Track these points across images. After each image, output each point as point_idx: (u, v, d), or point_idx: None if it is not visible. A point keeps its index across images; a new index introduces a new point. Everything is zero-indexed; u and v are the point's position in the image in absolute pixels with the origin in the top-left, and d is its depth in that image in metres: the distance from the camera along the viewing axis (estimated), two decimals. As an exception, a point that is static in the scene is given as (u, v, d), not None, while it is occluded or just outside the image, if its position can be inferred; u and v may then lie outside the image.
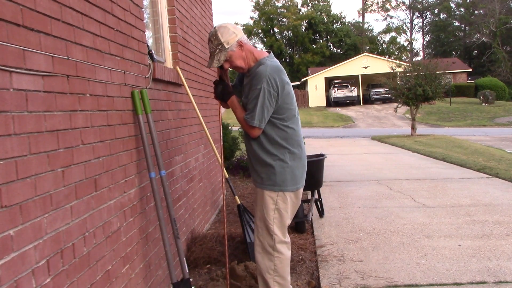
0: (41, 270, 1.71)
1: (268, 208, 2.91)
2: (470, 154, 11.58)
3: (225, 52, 2.83)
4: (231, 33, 2.83)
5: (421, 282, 3.55)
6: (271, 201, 2.91)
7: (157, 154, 3.00)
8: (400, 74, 19.92)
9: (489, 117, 29.25)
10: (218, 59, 2.85)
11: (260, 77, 2.79)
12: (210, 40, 2.85)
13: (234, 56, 2.86)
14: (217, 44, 2.82)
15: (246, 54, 2.89)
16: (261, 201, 2.94)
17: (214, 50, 2.84)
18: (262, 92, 2.79)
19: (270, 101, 2.82)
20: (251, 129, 2.88)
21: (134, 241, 2.73)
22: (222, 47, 2.82)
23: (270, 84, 2.80)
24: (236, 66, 2.91)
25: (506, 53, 54.72)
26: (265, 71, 2.80)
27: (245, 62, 2.90)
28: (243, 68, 2.92)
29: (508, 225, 5.00)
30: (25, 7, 1.70)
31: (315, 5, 64.17)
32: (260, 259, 2.96)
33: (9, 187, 1.55)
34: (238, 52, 2.86)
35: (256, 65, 2.89)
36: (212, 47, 2.85)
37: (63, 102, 1.96)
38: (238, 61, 2.88)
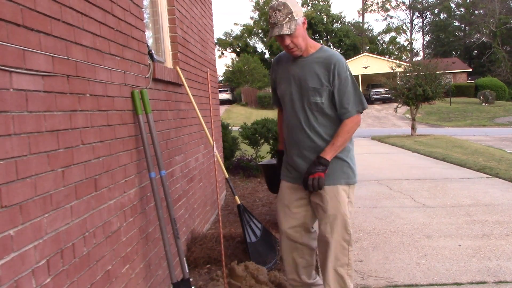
0: (41, 270, 1.71)
1: (344, 203, 2.84)
2: (470, 154, 11.58)
3: (295, 22, 2.61)
4: (299, 8, 2.69)
5: (421, 282, 3.55)
6: (345, 195, 2.85)
7: (157, 154, 3.00)
8: (400, 74, 19.93)
9: (489, 117, 29.25)
10: (289, 27, 2.60)
11: (342, 63, 2.73)
12: (275, 9, 2.61)
13: (299, 31, 2.65)
14: (288, 12, 2.60)
15: (305, 35, 2.73)
16: (335, 197, 2.83)
17: (283, 19, 2.60)
18: (351, 78, 2.75)
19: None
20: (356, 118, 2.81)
21: (134, 241, 2.73)
22: (292, 16, 2.61)
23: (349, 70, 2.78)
24: (297, 44, 2.68)
25: (506, 53, 54.74)
26: (340, 56, 2.78)
27: (304, 42, 2.72)
28: (301, 49, 2.73)
29: (508, 225, 5.00)
30: (25, 7, 1.70)
31: (315, 5, 64.18)
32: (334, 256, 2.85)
33: (9, 187, 1.55)
34: (302, 29, 2.68)
35: (321, 51, 2.79)
36: (280, 15, 2.60)
37: (63, 102, 1.96)
38: (300, 38, 2.68)
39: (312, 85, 2.76)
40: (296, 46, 2.69)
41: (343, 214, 2.83)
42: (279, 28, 2.61)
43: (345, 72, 2.73)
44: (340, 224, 2.83)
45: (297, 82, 2.82)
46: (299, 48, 2.71)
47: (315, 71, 2.75)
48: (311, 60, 2.78)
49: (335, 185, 2.82)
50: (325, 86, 2.74)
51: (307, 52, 2.78)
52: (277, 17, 2.62)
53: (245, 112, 35.24)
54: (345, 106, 2.75)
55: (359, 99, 2.78)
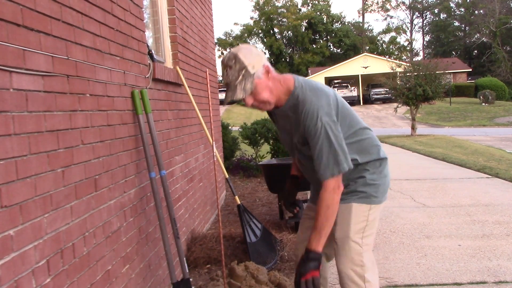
0: (41, 270, 1.71)
1: (357, 225, 2.37)
2: (470, 154, 11.58)
3: (251, 79, 2.12)
4: (255, 54, 2.17)
5: (421, 282, 3.55)
6: (361, 216, 2.38)
7: (157, 154, 3.00)
8: (400, 74, 19.93)
9: (489, 117, 29.25)
10: (243, 87, 2.12)
11: (311, 112, 2.14)
12: (226, 66, 2.14)
13: (261, 85, 2.16)
14: (240, 68, 2.11)
15: (273, 84, 2.21)
16: (346, 217, 2.36)
17: (236, 78, 2.12)
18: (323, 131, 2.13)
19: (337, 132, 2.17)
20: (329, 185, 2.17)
21: (134, 241, 2.73)
22: (246, 72, 2.12)
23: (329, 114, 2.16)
24: (262, 101, 2.20)
25: (506, 53, 54.74)
26: (310, 103, 2.16)
27: (272, 94, 2.21)
28: (270, 103, 2.23)
29: (508, 225, 5.00)
30: (25, 7, 1.70)
31: (315, 5, 64.20)
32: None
33: (9, 187, 1.55)
34: (265, 81, 2.17)
35: (292, 98, 2.22)
36: (231, 73, 2.13)
37: (63, 102, 1.96)
38: (265, 92, 2.18)
39: (295, 139, 2.32)
40: (263, 103, 2.21)
41: (352, 239, 2.31)
42: (232, 92, 2.13)
43: (314, 123, 2.14)
44: (349, 251, 2.31)
45: (286, 134, 2.43)
46: (267, 103, 2.22)
47: (293, 123, 2.28)
48: (285, 112, 2.28)
49: (349, 202, 2.33)
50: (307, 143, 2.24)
51: (281, 101, 2.26)
52: (229, 76, 2.13)
53: (245, 112, 35.23)
54: (317, 167, 2.18)
55: (334, 159, 2.14)
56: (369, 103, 41.87)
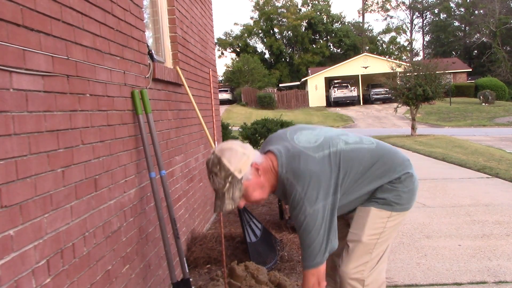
0: (41, 270, 1.71)
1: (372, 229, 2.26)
2: (470, 154, 11.58)
3: (239, 186, 1.97)
4: (240, 155, 1.97)
5: (421, 282, 3.55)
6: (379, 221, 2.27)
7: (157, 154, 3.00)
8: (400, 74, 19.92)
9: (489, 117, 29.24)
10: (231, 197, 1.98)
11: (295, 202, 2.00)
12: (211, 172, 1.98)
13: (251, 187, 2.01)
14: (225, 176, 1.95)
15: (265, 177, 2.05)
16: (362, 218, 2.26)
17: (223, 185, 1.96)
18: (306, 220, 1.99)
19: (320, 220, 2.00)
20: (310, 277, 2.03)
21: (134, 241, 2.73)
22: (233, 179, 1.95)
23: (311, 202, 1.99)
24: (255, 201, 2.07)
25: (506, 53, 54.74)
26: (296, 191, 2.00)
27: (264, 190, 2.07)
28: (262, 199, 2.10)
29: (508, 225, 5.00)
30: (25, 7, 1.70)
31: (315, 5, 64.19)
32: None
33: (9, 187, 1.55)
34: (255, 180, 2.01)
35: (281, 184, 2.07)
36: (218, 181, 1.97)
37: (63, 102, 1.96)
38: (257, 192, 2.04)
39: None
40: (256, 200, 2.08)
41: (365, 244, 2.19)
42: (220, 201, 2.00)
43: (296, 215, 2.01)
44: (357, 254, 2.21)
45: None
46: (260, 199, 2.09)
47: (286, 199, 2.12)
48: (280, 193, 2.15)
49: (368, 206, 2.22)
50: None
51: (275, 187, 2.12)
52: (216, 184, 1.98)
53: (245, 112, 35.25)
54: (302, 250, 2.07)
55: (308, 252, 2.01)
56: (369, 103, 41.86)
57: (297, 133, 2.19)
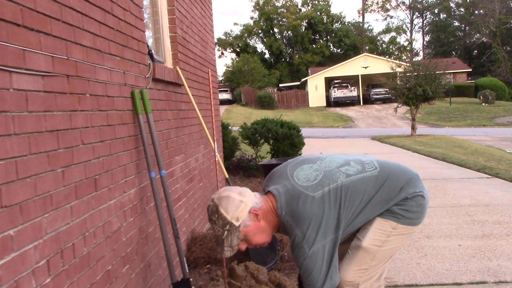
0: (41, 270, 1.71)
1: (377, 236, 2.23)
2: (470, 154, 11.58)
3: (237, 233, 2.01)
4: (237, 203, 2.02)
5: (421, 282, 3.55)
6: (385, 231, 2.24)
7: (157, 154, 3.00)
8: (400, 74, 19.92)
9: (489, 117, 29.25)
10: (229, 244, 2.02)
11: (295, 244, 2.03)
12: (211, 220, 2.05)
13: (251, 232, 2.04)
14: (223, 224, 2.00)
15: (266, 221, 2.08)
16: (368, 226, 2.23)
17: (221, 233, 2.02)
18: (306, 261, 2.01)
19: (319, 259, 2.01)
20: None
21: (134, 241, 2.73)
22: (231, 227, 2.00)
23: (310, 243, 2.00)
24: (256, 244, 2.11)
25: (506, 53, 54.74)
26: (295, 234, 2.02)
27: (266, 233, 2.09)
28: (264, 242, 2.13)
29: (508, 225, 5.00)
30: (25, 7, 1.70)
31: (315, 5, 64.20)
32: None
33: (9, 187, 1.55)
34: (255, 226, 2.04)
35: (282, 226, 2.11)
36: (216, 229, 2.03)
37: (63, 102, 1.96)
38: (258, 236, 2.07)
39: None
40: (258, 243, 2.11)
41: (365, 249, 2.16)
42: (220, 247, 2.06)
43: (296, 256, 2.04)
44: (357, 259, 2.18)
45: None
46: (263, 241, 2.12)
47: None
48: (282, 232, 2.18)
49: (374, 217, 2.20)
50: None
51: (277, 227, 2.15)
52: (215, 231, 2.05)
53: (245, 112, 35.24)
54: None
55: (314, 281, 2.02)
56: (369, 103, 41.85)
57: (297, 169, 2.18)
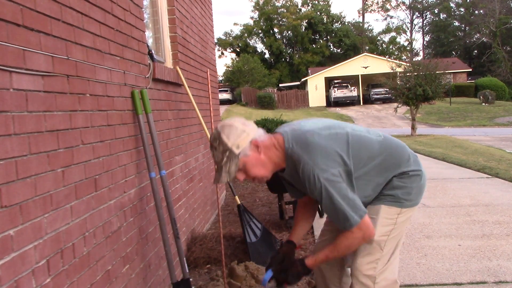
0: (41, 270, 1.71)
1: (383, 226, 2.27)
2: (470, 154, 11.58)
3: (236, 161, 2.05)
4: (240, 132, 2.06)
5: (421, 282, 3.55)
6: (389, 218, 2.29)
7: (157, 154, 3.00)
8: (400, 74, 19.93)
9: (489, 117, 29.25)
10: (227, 170, 2.06)
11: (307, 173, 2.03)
12: (212, 146, 2.10)
13: (250, 162, 2.08)
14: (223, 150, 2.05)
15: (267, 155, 2.11)
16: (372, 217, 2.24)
17: (220, 159, 2.06)
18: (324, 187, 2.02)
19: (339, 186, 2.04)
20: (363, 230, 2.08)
21: (134, 241, 2.73)
22: (230, 154, 2.04)
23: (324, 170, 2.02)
24: (254, 177, 2.13)
25: (506, 53, 54.74)
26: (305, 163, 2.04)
27: (266, 167, 2.13)
28: (263, 177, 2.15)
29: (508, 225, 5.00)
30: (25, 7, 1.70)
31: (315, 5, 64.19)
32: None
33: (9, 187, 1.55)
34: (255, 157, 2.08)
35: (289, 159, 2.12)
36: (216, 155, 2.07)
37: (63, 102, 1.96)
38: (257, 168, 2.10)
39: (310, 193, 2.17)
40: (256, 177, 2.14)
41: (377, 241, 2.20)
42: (218, 173, 2.10)
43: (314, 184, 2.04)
44: (369, 251, 2.22)
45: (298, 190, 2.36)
46: (262, 176, 2.14)
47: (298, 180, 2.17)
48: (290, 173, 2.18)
49: (379, 205, 2.24)
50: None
51: (281, 166, 2.18)
52: (215, 157, 2.10)
53: (245, 112, 35.25)
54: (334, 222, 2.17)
55: (342, 216, 2.05)
56: (369, 103, 41.85)
57: (303, 121, 2.27)
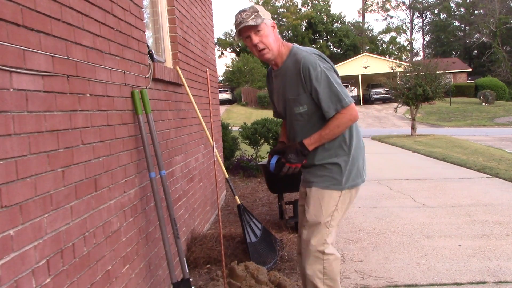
0: (41, 270, 1.71)
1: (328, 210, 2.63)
2: (470, 154, 11.58)
3: (261, 20, 2.51)
4: (267, 13, 2.60)
5: (421, 282, 3.55)
6: (332, 202, 2.64)
7: (157, 154, 3.00)
8: (400, 74, 19.93)
9: (489, 117, 29.25)
10: (255, 21, 2.50)
11: (311, 61, 2.52)
12: (242, 11, 2.54)
13: (267, 30, 2.54)
14: (254, 11, 2.52)
15: (276, 38, 2.60)
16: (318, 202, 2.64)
17: (249, 16, 2.51)
18: (323, 76, 2.51)
19: (334, 75, 2.57)
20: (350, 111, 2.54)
21: (134, 241, 2.73)
22: (258, 15, 2.52)
23: (324, 62, 2.57)
24: (266, 43, 2.54)
25: (506, 53, 54.75)
26: (308, 54, 2.57)
27: (274, 44, 2.57)
28: (270, 51, 2.57)
29: (508, 225, 5.00)
30: (25, 7, 1.70)
31: (315, 5, 64.20)
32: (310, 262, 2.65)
33: (9, 187, 1.55)
34: (271, 31, 2.57)
35: (291, 55, 2.62)
36: (245, 14, 2.52)
37: (63, 102, 1.96)
38: (269, 37, 2.54)
39: (290, 96, 2.63)
40: (267, 46, 2.56)
41: (323, 223, 2.62)
42: (244, 23, 2.51)
43: (314, 71, 2.52)
44: (318, 232, 2.63)
45: (281, 97, 2.72)
46: (270, 50, 2.57)
47: (290, 81, 2.62)
48: (284, 69, 2.65)
49: (322, 189, 2.64)
50: (302, 93, 2.58)
51: (281, 59, 2.65)
52: (243, 16, 2.53)
53: (245, 112, 35.26)
54: (325, 109, 2.55)
55: (336, 98, 2.52)
56: (369, 103, 41.86)
57: None
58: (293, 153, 2.59)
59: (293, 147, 2.61)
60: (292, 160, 2.59)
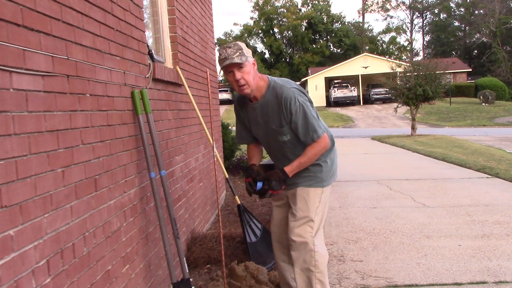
0: (41, 270, 1.71)
1: (314, 206, 2.94)
2: (470, 154, 11.58)
3: (245, 58, 2.75)
4: (248, 50, 2.84)
5: (421, 282, 3.56)
6: (316, 198, 2.95)
7: (157, 154, 3.00)
8: (400, 74, 19.93)
9: (489, 117, 29.26)
10: (240, 58, 2.73)
11: (289, 96, 2.79)
12: (226, 47, 2.78)
13: (248, 68, 2.78)
14: (238, 49, 2.76)
15: (255, 75, 2.84)
16: (304, 200, 2.94)
17: (234, 53, 2.75)
18: (301, 106, 2.80)
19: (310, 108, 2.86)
20: (324, 140, 2.88)
21: (134, 241, 2.73)
22: (242, 52, 2.76)
23: (301, 95, 2.84)
24: (247, 80, 2.77)
25: (506, 53, 54.75)
26: (287, 88, 2.83)
27: (254, 81, 2.82)
28: (250, 87, 2.80)
29: (508, 225, 5.00)
30: (25, 7, 1.70)
31: (315, 5, 64.21)
32: (301, 258, 2.90)
33: (9, 187, 1.55)
34: (252, 69, 2.81)
35: (270, 90, 2.86)
36: (230, 51, 2.75)
37: (63, 102, 1.96)
38: (250, 75, 2.78)
39: (274, 126, 2.88)
40: (247, 82, 2.77)
41: (309, 217, 2.90)
42: (229, 60, 2.71)
43: (294, 105, 2.79)
44: (308, 225, 2.90)
45: (262, 126, 2.95)
46: (250, 86, 2.78)
47: (272, 113, 2.86)
48: (265, 103, 2.87)
49: (307, 187, 2.94)
50: (285, 125, 2.85)
51: (260, 93, 2.87)
52: (228, 52, 2.74)
53: (245, 112, 35.19)
54: (302, 138, 2.85)
55: (312, 129, 2.82)
56: (369, 103, 41.86)
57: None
58: (276, 180, 2.85)
59: (276, 175, 2.87)
60: (275, 187, 2.86)
